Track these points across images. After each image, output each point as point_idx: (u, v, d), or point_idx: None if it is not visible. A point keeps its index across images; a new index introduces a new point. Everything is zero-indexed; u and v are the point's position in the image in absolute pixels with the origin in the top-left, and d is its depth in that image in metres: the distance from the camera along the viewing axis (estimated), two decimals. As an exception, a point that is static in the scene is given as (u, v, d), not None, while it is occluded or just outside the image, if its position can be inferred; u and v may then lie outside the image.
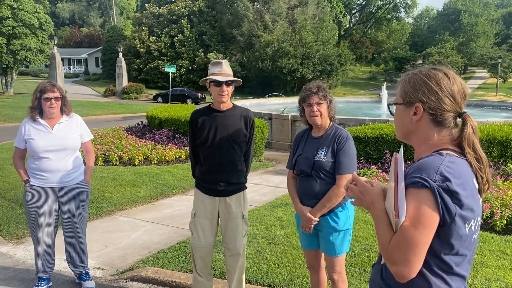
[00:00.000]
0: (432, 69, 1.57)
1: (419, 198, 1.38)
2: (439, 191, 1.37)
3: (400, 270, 1.38)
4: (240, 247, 3.38)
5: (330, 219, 2.95)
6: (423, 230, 1.37)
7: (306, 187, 2.98)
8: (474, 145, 1.52)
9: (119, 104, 30.25)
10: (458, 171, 1.42)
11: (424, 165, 1.43)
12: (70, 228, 3.85)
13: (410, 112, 1.56)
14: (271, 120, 12.26)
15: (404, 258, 1.37)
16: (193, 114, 3.38)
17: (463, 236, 1.44)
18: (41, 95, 3.66)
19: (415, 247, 1.37)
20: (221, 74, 3.22)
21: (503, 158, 8.08)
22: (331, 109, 3.03)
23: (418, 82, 1.54)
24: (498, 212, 5.34)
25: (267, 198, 7.00)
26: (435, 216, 1.37)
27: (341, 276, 3.02)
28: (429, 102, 1.51)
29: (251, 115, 3.43)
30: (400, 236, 1.38)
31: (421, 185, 1.38)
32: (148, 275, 4.09)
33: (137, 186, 7.44)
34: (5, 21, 32.83)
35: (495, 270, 4.11)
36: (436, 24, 61.10)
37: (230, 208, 3.34)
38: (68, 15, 79.21)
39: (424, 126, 1.54)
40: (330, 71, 41.11)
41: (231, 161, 3.30)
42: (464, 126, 1.53)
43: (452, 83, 1.53)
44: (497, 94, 41.27)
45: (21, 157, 3.82)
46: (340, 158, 2.90)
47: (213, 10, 46.59)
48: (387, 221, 1.45)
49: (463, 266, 1.49)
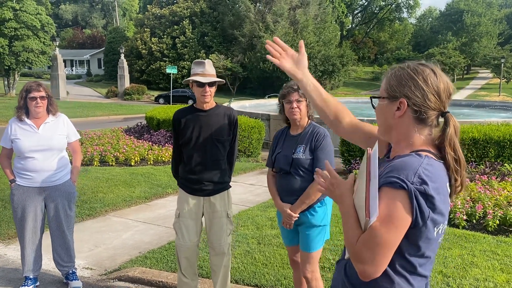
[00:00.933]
0: (420, 64, 1.53)
1: (395, 198, 1.35)
2: (416, 194, 1.34)
3: (365, 269, 1.37)
4: (224, 246, 3.39)
5: (309, 214, 3.00)
6: (395, 231, 1.34)
7: (286, 184, 3.04)
8: (455, 146, 1.48)
9: (121, 105, 30.30)
10: (435, 175, 1.39)
11: (402, 165, 1.39)
12: (57, 228, 3.85)
13: (393, 107, 1.51)
14: (269, 121, 12.26)
15: (371, 257, 1.35)
16: (176, 114, 3.38)
17: (431, 239, 1.42)
18: (27, 94, 3.67)
19: (384, 248, 1.35)
20: (204, 74, 3.23)
21: (500, 158, 8.04)
22: (310, 107, 3.07)
23: (404, 77, 1.49)
24: (491, 212, 5.31)
25: (261, 198, 6.99)
26: (408, 218, 1.35)
27: (314, 274, 3.04)
28: (414, 98, 1.46)
29: (234, 113, 3.43)
30: (369, 235, 1.36)
31: (398, 186, 1.35)
32: (135, 275, 4.08)
33: (131, 186, 7.44)
34: (7, 23, 32.97)
35: (484, 270, 4.08)
36: (439, 24, 60.98)
37: (214, 207, 3.35)
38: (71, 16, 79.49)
39: (406, 123, 1.50)
40: (332, 71, 41.10)
41: (215, 160, 3.31)
42: (447, 126, 1.48)
43: (438, 81, 1.49)
44: (500, 95, 41.12)
45: (8, 156, 3.82)
46: (318, 155, 2.96)
47: (214, 11, 46.66)
48: (356, 218, 1.42)
49: (426, 267, 1.48)
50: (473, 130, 8.32)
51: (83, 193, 6.91)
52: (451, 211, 5.57)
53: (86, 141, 11.09)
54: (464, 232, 5.12)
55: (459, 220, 5.32)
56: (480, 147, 8.10)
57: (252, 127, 10.45)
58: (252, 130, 10.43)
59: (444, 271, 4.04)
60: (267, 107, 16.89)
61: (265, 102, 19.90)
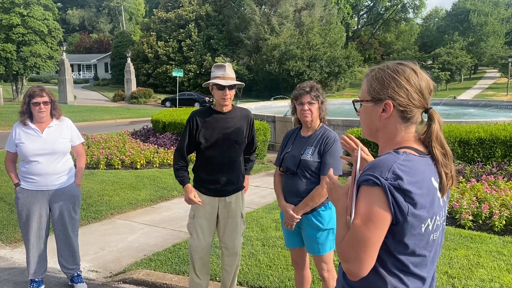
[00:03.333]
0: (399, 64, 1.53)
1: (370, 196, 1.36)
2: (390, 189, 1.34)
3: (350, 268, 1.38)
4: (238, 247, 3.45)
5: (314, 218, 2.98)
6: (374, 229, 1.35)
7: (291, 184, 3.03)
8: (441, 140, 1.51)
9: (127, 109, 30.45)
10: (413, 169, 1.40)
11: (378, 163, 1.41)
12: (61, 231, 3.88)
13: (378, 109, 1.51)
14: (274, 123, 12.26)
15: (355, 256, 1.37)
16: (194, 113, 3.39)
17: (418, 235, 1.41)
18: (30, 99, 3.70)
19: (366, 245, 1.36)
20: (224, 77, 3.27)
21: (506, 158, 7.97)
22: (322, 110, 3.06)
23: (386, 78, 1.49)
24: (497, 212, 5.26)
25: (267, 200, 6.99)
26: (386, 214, 1.36)
27: (331, 273, 3.03)
28: (399, 99, 1.47)
29: (251, 115, 3.52)
30: (351, 233, 1.38)
31: (372, 183, 1.36)
32: (140, 277, 4.10)
33: (137, 189, 7.47)
34: (15, 29, 33.36)
35: (490, 271, 4.05)
36: (445, 24, 60.58)
37: (229, 207, 3.39)
38: (78, 21, 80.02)
39: (392, 123, 1.51)
40: (338, 73, 40.97)
41: (232, 161, 3.37)
42: (431, 122, 1.51)
43: (420, 79, 1.50)
44: (507, 94, 40.78)
45: (12, 160, 3.86)
46: (326, 159, 2.93)
47: (220, 14, 46.80)
48: (345, 219, 1.45)
49: (422, 267, 1.46)
50: (479, 130, 8.26)
51: (89, 196, 6.95)
52: (457, 212, 5.53)
53: (93, 145, 11.16)
54: (470, 233, 5.08)
55: (465, 220, 5.29)
56: (487, 147, 8.04)
57: (257, 129, 10.45)
58: (257, 132, 10.43)
59: (449, 272, 4.01)
60: (273, 109, 16.90)
61: (270, 104, 19.91)
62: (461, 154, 8.14)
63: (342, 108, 19.83)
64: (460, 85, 50.00)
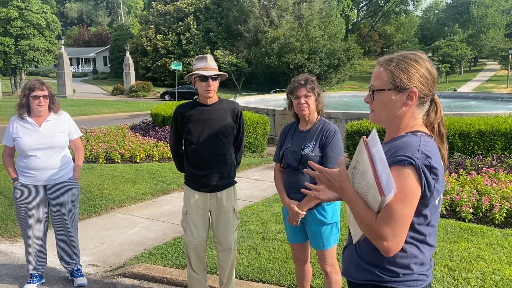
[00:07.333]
0: (414, 54, 1.63)
1: (405, 175, 1.46)
2: (422, 168, 1.46)
3: (389, 245, 1.46)
4: (231, 242, 3.40)
5: (318, 213, 2.95)
6: (409, 205, 1.46)
7: (293, 181, 2.97)
8: (444, 123, 1.69)
9: (127, 103, 30.37)
10: (433, 150, 1.53)
11: (406, 144, 1.52)
12: (60, 226, 3.86)
13: (402, 98, 1.59)
14: (274, 116, 12.23)
15: (392, 233, 1.45)
16: (178, 108, 3.36)
17: (433, 207, 1.56)
18: (30, 92, 3.67)
19: (403, 222, 1.45)
20: (206, 68, 3.20)
21: (507, 150, 7.95)
22: (319, 102, 3.00)
23: (411, 69, 1.58)
24: (498, 205, 5.25)
25: (267, 193, 6.98)
26: (418, 190, 1.47)
27: (333, 267, 3.02)
28: (421, 87, 1.58)
29: (238, 107, 3.42)
30: (387, 212, 1.45)
31: (407, 163, 1.47)
32: (140, 271, 4.09)
33: (137, 183, 7.46)
34: (13, 22, 33.17)
35: (490, 263, 4.04)
36: (445, 16, 60.40)
37: (221, 203, 3.35)
38: (76, 14, 79.72)
39: (411, 110, 1.62)
40: (338, 65, 40.86)
41: (220, 155, 3.30)
42: (437, 107, 1.65)
43: (433, 68, 1.62)
44: (507, 86, 40.69)
45: (10, 155, 3.83)
46: (328, 152, 2.89)
47: (219, 6, 46.57)
48: (364, 202, 1.52)
49: (432, 237, 1.61)
50: (479, 122, 8.23)
51: (88, 190, 6.94)
52: (457, 204, 5.52)
53: (92, 139, 11.13)
54: (470, 225, 5.07)
55: (465, 213, 5.28)
56: (487, 139, 8.01)
57: (257, 123, 10.43)
58: (257, 126, 10.41)
59: (450, 265, 4.00)
60: (272, 102, 16.86)
61: (270, 97, 19.86)
62: (461, 146, 8.12)
63: (342, 101, 19.75)
64: (460, 78, 49.90)
